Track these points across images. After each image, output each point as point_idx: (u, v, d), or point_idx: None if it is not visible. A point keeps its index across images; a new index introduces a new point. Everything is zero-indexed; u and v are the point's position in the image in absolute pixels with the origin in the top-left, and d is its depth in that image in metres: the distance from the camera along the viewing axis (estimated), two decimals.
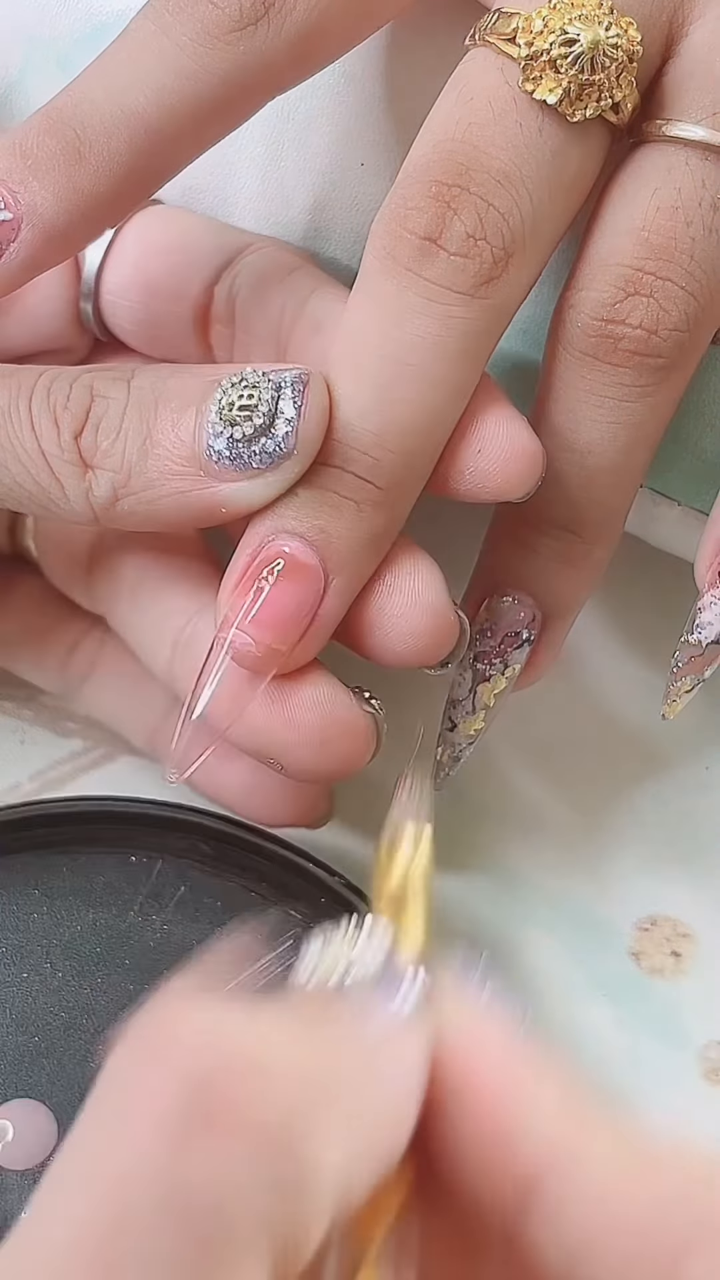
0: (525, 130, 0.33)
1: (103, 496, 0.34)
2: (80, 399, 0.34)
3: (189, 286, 0.38)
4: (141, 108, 0.33)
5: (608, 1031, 0.42)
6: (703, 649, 0.36)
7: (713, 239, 0.33)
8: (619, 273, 0.34)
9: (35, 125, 0.34)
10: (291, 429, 0.33)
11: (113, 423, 0.34)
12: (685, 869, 0.44)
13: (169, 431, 0.34)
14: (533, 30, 0.33)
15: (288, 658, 0.34)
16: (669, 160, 0.34)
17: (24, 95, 0.41)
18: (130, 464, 0.34)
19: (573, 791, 0.44)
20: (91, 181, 0.33)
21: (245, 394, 0.33)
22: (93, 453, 0.34)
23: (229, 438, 0.33)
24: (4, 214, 0.33)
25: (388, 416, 0.34)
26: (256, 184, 0.39)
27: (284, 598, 0.34)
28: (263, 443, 0.33)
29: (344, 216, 0.39)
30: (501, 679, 0.38)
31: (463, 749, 0.39)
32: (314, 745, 0.35)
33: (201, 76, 0.33)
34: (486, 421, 0.34)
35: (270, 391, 0.33)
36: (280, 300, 0.37)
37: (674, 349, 0.34)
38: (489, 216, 0.33)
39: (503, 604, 0.37)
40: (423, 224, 0.33)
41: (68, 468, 0.34)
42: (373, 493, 0.34)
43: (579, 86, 0.33)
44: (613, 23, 0.33)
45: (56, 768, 0.44)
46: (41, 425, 0.34)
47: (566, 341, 0.35)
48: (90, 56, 0.35)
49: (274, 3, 0.33)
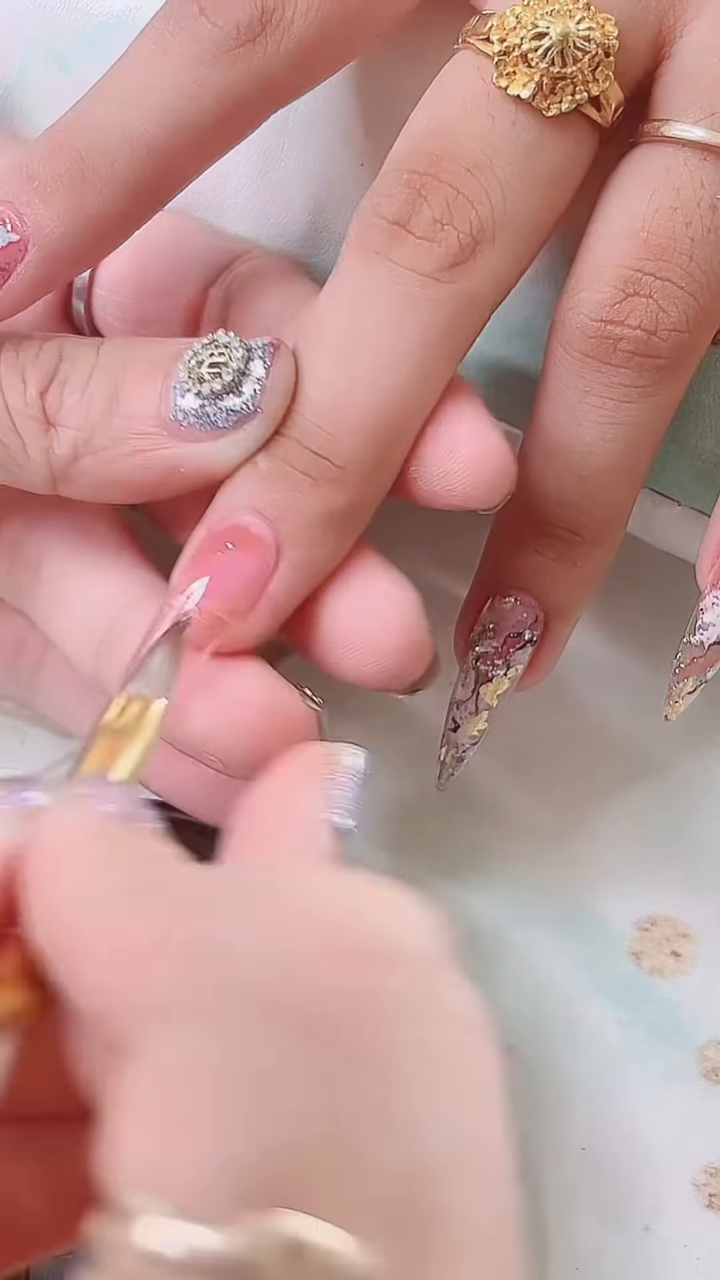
0: (498, 123, 0.33)
1: (63, 455, 0.34)
2: (49, 358, 0.35)
3: (183, 287, 0.38)
4: (144, 128, 0.34)
5: (608, 1031, 0.42)
6: (705, 650, 0.36)
7: (711, 239, 0.34)
8: (618, 273, 0.34)
9: (41, 147, 0.34)
10: (259, 387, 0.33)
11: (79, 381, 0.34)
12: (685, 869, 0.44)
13: (135, 391, 0.34)
14: (506, 27, 0.33)
15: (233, 632, 0.34)
16: (667, 161, 0.34)
17: (24, 95, 0.41)
18: (94, 422, 0.34)
19: (573, 791, 0.44)
20: (97, 202, 0.34)
21: (216, 353, 0.34)
22: (57, 410, 0.34)
23: (196, 393, 0.33)
24: (11, 236, 0.34)
25: (346, 391, 0.34)
26: (255, 185, 0.40)
27: (232, 567, 0.34)
28: (230, 400, 0.33)
29: (343, 217, 0.39)
30: (504, 680, 0.38)
31: (466, 749, 0.39)
32: (249, 740, 0.34)
33: (202, 95, 0.34)
34: (460, 424, 0.34)
35: (241, 351, 0.34)
36: (277, 306, 0.37)
37: (673, 349, 0.34)
38: (457, 203, 0.33)
39: (505, 605, 0.37)
40: (394, 210, 0.34)
41: (31, 424, 0.34)
42: (329, 469, 0.34)
43: (551, 80, 0.33)
44: (586, 16, 0.33)
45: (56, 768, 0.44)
46: (8, 380, 0.34)
47: (566, 342, 0.35)
48: (90, 56, 0.35)
49: (271, 19, 0.33)
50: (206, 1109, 0.20)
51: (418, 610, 0.35)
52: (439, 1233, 0.22)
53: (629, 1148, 0.40)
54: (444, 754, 0.39)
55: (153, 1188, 0.20)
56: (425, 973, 0.22)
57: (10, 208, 0.34)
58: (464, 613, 0.38)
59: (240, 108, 0.34)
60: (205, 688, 0.34)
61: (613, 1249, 0.39)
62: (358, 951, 0.21)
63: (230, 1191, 0.20)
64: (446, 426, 0.34)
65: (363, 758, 0.33)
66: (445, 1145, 0.22)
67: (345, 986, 0.21)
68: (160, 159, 0.34)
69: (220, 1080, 0.20)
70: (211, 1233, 0.20)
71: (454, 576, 0.36)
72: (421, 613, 0.35)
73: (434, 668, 0.36)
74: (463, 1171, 0.22)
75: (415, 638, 0.34)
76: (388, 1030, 0.21)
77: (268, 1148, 0.20)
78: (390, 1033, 0.21)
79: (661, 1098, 0.41)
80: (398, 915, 0.22)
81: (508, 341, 0.39)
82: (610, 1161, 0.40)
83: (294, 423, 0.34)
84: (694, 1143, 0.40)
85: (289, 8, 0.33)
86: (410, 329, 0.34)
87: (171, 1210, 0.20)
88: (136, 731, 0.30)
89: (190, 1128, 0.20)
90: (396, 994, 0.21)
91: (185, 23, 0.34)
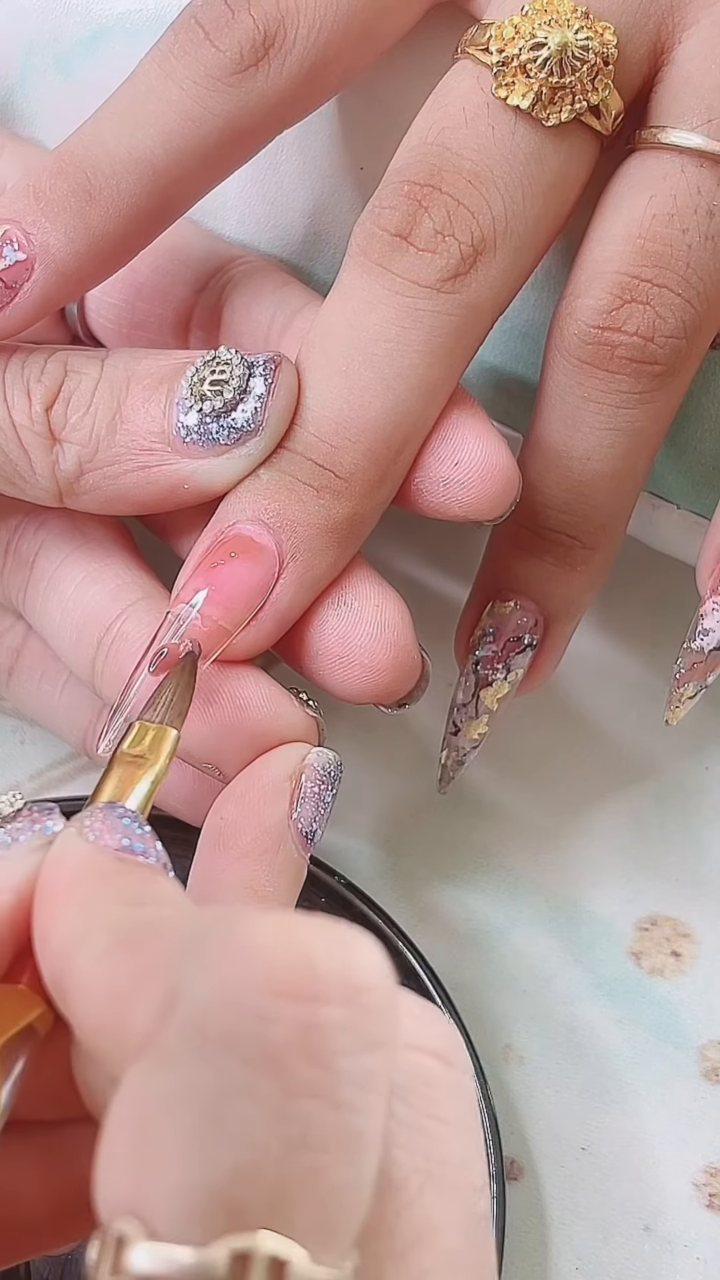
0: (497, 133, 0.33)
1: (68, 470, 0.35)
2: (54, 373, 0.35)
3: (176, 290, 0.39)
4: (149, 151, 0.34)
5: (608, 1031, 0.42)
6: (705, 655, 0.36)
7: (708, 245, 0.34)
8: (615, 280, 0.34)
9: (48, 167, 0.34)
10: (261, 404, 0.34)
11: (83, 397, 0.35)
12: (685, 868, 0.44)
13: (139, 407, 0.34)
14: (504, 37, 0.33)
15: (236, 641, 0.34)
16: (664, 167, 0.34)
17: (24, 97, 0.41)
18: (98, 438, 0.34)
19: (573, 792, 0.44)
20: (102, 222, 0.34)
21: (218, 369, 0.34)
22: (62, 426, 0.34)
23: (198, 411, 0.34)
24: (18, 254, 0.34)
25: (349, 404, 0.34)
26: (255, 188, 0.40)
27: (236, 576, 0.34)
28: (231, 418, 0.34)
29: (342, 221, 0.39)
30: (504, 684, 0.38)
31: (466, 753, 0.39)
32: (249, 749, 0.34)
33: (207, 120, 0.34)
34: (466, 436, 0.34)
35: (242, 369, 0.34)
36: (270, 311, 0.37)
37: (671, 355, 0.34)
38: (458, 214, 0.33)
39: (505, 609, 0.37)
40: (395, 221, 0.34)
41: (36, 439, 0.35)
42: (332, 481, 0.34)
43: (550, 90, 0.33)
44: (584, 26, 0.33)
45: (56, 768, 0.44)
46: (14, 396, 0.35)
47: (564, 349, 0.35)
48: (90, 60, 0.35)
49: (274, 43, 0.33)
50: (171, 1140, 0.21)
51: (408, 627, 0.35)
52: (407, 1246, 0.23)
53: (629, 1148, 0.40)
54: (445, 757, 0.39)
55: (131, 1213, 0.22)
56: (372, 1004, 0.23)
57: (17, 226, 0.34)
58: (464, 617, 0.38)
59: (245, 131, 0.34)
60: (205, 697, 0.34)
61: (613, 1249, 0.39)
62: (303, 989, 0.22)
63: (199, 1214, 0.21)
64: (450, 438, 0.34)
65: (333, 759, 0.34)
66: (408, 1163, 0.23)
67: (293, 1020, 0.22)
68: (166, 181, 0.34)
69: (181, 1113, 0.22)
70: (188, 1252, 0.21)
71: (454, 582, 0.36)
72: (412, 630, 0.35)
73: (423, 683, 0.36)
74: (427, 1187, 0.24)
75: (405, 656, 0.35)
76: (337, 1060, 0.22)
77: (230, 1173, 0.21)
78: (340, 1062, 0.22)
79: (661, 1098, 0.41)
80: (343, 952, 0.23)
81: (509, 346, 0.39)
82: (610, 1161, 0.40)
83: (297, 436, 0.34)
84: (694, 1143, 0.40)
85: (292, 31, 0.33)
86: (412, 340, 0.34)
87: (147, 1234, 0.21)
88: (151, 761, 0.31)
89: (157, 1158, 0.22)
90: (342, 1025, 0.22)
91: (190, 47, 0.34)
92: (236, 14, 0.34)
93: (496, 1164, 0.37)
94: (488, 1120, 0.38)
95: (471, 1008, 0.41)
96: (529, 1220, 0.39)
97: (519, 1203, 0.39)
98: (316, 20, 0.34)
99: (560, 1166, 0.40)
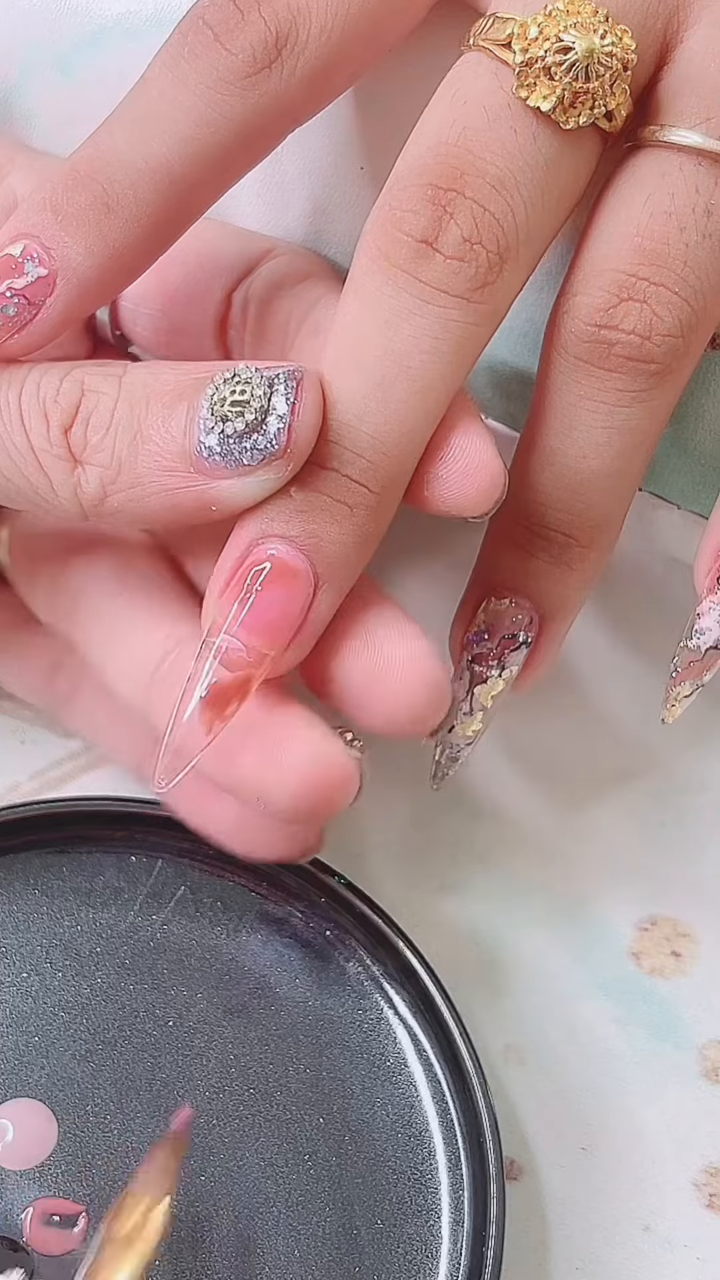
0: (519, 136, 0.33)
1: (91, 493, 0.34)
2: (70, 394, 0.34)
3: (209, 294, 0.38)
4: (165, 158, 0.34)
5: (608, 1031, 0.42)
6: (701, 654, 0.36)
7: (707, 244, 0.33)
8: (613, 278, 0.34)
9: (64, 179, 0.34)
10: (284, 425, 0.33)
11: (103, 418, 0.34)
12: (685, 869, 0.44)
13: (159, 427, 0.34)
14: (528, 37, 0.33)
15: (276, 661, 0.34)
16: (663, 166, 0.34)
17: (24, 98, 0.41)
18: (120, 460, 0.34)
19: (573, 792, 0.44)
20: (121, 232, 0.34)
21: (238, 389, 0.33)
22: (82, 448, 0.34)
23: (220, 433, 0.33)
24: (39, 270, 0.34)
25: (386, 418, 0.34)
26: (256, 187, 0.40)
27: (274, 602, 0.34)
28: (255, 439, 0.33)
29: (343, 219, 0.39)
30: (499, 681, 0.38)
31: (460, 750, 0.39)
32: (299, 790, 0.34)
33: (221, 124, 0.34)
34: (454, 431, 0.34)
35: (263, 387, 0.33)
36: (289, 306, 0.37)
37: (668, 354, 0.34)
38: (484, 221, 0.33)
39: (500, 606, 0.37)
40: (419, 227, 0.33)
41: (56, 463, 0.34)
42: (366, 496, 0.34)
43: (573, 94, 0.33)
44: (608, 30, 0.33)
45: (56, 768, 0.44)
46: (31, 419, 0.34)
47: (561, 346, 0.35)
48: (89, 61, 0.35)
49: (286, 44, 0.33)
50: None
51: (440, 665, 0.35)
52: None
53: (629, 1148, 0.40)
54: (438, 754, 0.39)
55: None
56: None
57: (36, 242, 0.34)
58: (459, 613, 0.38)
59: (259, 133, 0.34)
60: (253, 733, 0.34)
61: (613, 1249, 0.39)
62: None
63: None
64: (441, 433, 0.34)
65: None
66: None
67: None
68: (182, 188, 0.34)
69: None
70: None
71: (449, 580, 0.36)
72: (443, 666, 0.35)
73: (454, 710, 0.36)
74: None
75: (439, 694, 0.35)
76: None
77: None
78: None
79: (661, 1098, 0.41)
80: None
81: (509, 344, 0.39)
82: (610, 1161, 0.40)
83: (333, 453, 0.34)
84: (694, 1143, 0.40)
85: (304, 31, 0.33)
86: (445, 351, 0.33)
87: None
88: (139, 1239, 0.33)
89: None
90: None
91: (201, 50, 0.34)
92: (246, 15, 0.34)
93: (496, 1164, 0.37)
94: (488, 1120, 0.38)
95: (471, 1008, 0.41)
96: (529, 1220, 0.39)
97: (519, 1203, 0.39)
98: (328, 19, 0.34)
99: (560, 1166, 0.40)
